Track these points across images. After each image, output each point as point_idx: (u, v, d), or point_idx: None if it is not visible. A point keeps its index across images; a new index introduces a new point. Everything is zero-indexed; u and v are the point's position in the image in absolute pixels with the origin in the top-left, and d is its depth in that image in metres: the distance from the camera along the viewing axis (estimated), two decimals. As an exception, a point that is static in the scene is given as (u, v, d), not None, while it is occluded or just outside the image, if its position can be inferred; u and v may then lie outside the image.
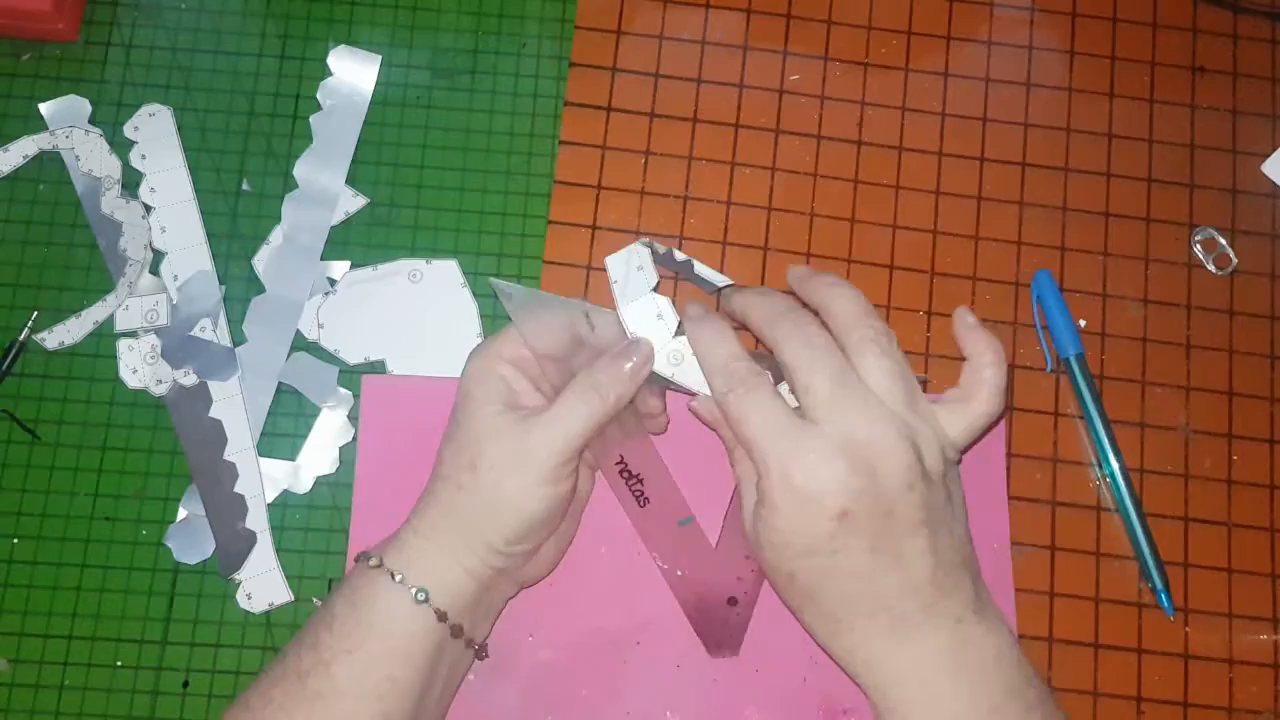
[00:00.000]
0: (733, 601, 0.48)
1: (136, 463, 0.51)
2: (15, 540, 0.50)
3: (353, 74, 0.55)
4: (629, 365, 0.44)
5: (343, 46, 0.55)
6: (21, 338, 0.51)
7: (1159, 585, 0.50)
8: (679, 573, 0.48)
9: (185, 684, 0.49)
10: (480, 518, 0.42)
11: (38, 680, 0.49)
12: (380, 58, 0.55)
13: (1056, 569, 0.51)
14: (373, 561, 0.43)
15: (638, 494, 0.47)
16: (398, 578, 0.42)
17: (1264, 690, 0.50)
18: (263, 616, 0.49)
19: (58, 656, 0.49)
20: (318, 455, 0.51)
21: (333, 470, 0.51)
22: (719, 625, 0.48)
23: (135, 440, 0.51)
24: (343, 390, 0.52)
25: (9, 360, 0.51)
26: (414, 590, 0.42)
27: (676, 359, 0.44)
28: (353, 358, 0.52)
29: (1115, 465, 0.51)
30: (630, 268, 0.45)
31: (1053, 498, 0.52)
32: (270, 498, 0.51)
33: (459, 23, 0.56)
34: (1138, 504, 0.51)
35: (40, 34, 0.54)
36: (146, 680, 0.49)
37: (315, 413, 0.51)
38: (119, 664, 0.49)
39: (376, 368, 0.52)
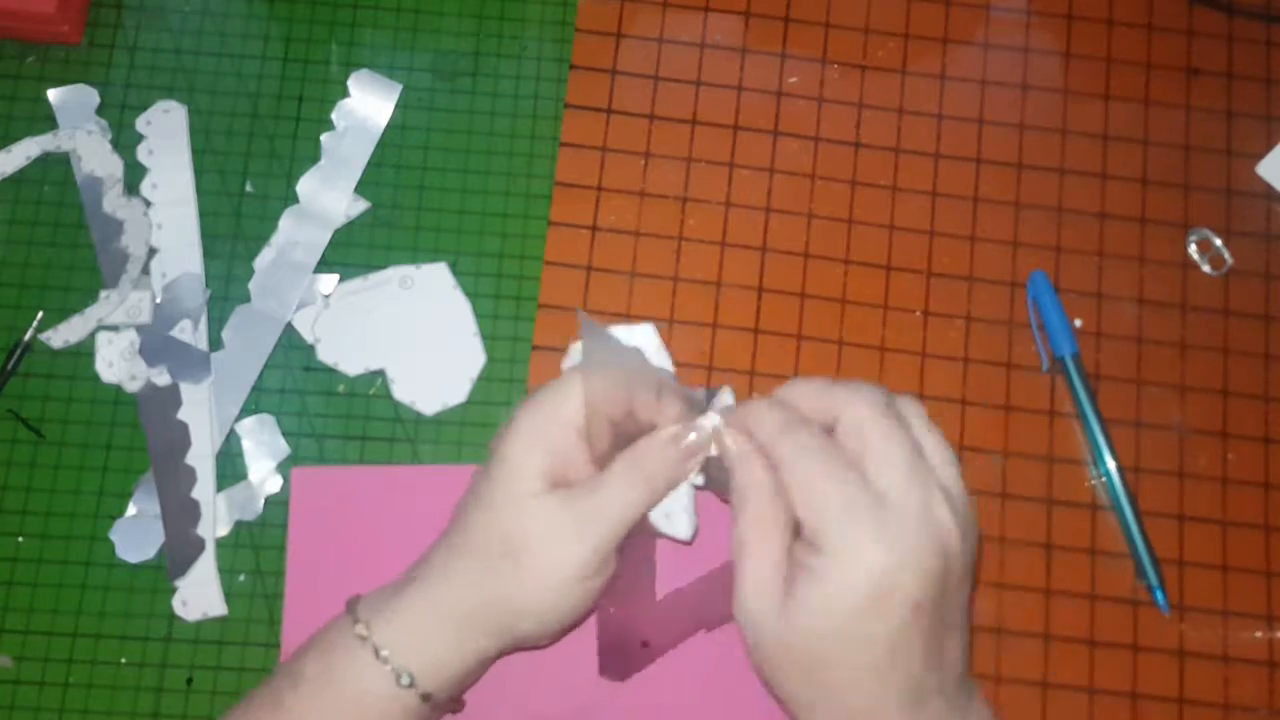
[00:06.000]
0: (645, 645, 0.47)
1: (140, 461, 0.51)
2: (20, 538, 0.50)
3: (371, 100, 0.55)
4: (685, 445, 0.40)
5: (365, 71, 0.55)
6: (27, 338, 0.52)
7: (1154, 583, 0.51)
8: (610, 610, 0.46)
9: (189, 681, 0.49)
10: (510, 610, 0.39)
11: (42, 677, 0.49)
12: (400, 86, 0.55)
13: (1053, 567, 0.51)
14: (359, 629, 0.40)
15: None
16: (384, 653, 0.39)
17: (1259, 687, 0.51)
18: (266, 614, 0.50)
19: (62, 654, 0.49)
20: (246, 496, 0.51)
21: (254, 518, 0.51)
22: (622, 657, 0.47)
23: (139, 439, 0.51)
24: (280, 442, 0.52)
25: (14, 360, 0.52)
26: (399, 674, 0.39)
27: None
28: (352, 369, 0.52)
29: (1111, 464, 0.52)
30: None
31: (1049, 496, 0.52)
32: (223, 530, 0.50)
33: (460, 25, 0.57)
34: (1133, 502, 0.51)
35: (44, 36, 0.55)
36: (151, 677, 0.49)
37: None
38: (123, 661, 0.49)
39: (377, 377, 0.52)
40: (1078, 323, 0.54)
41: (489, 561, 0.39)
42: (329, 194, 0.54)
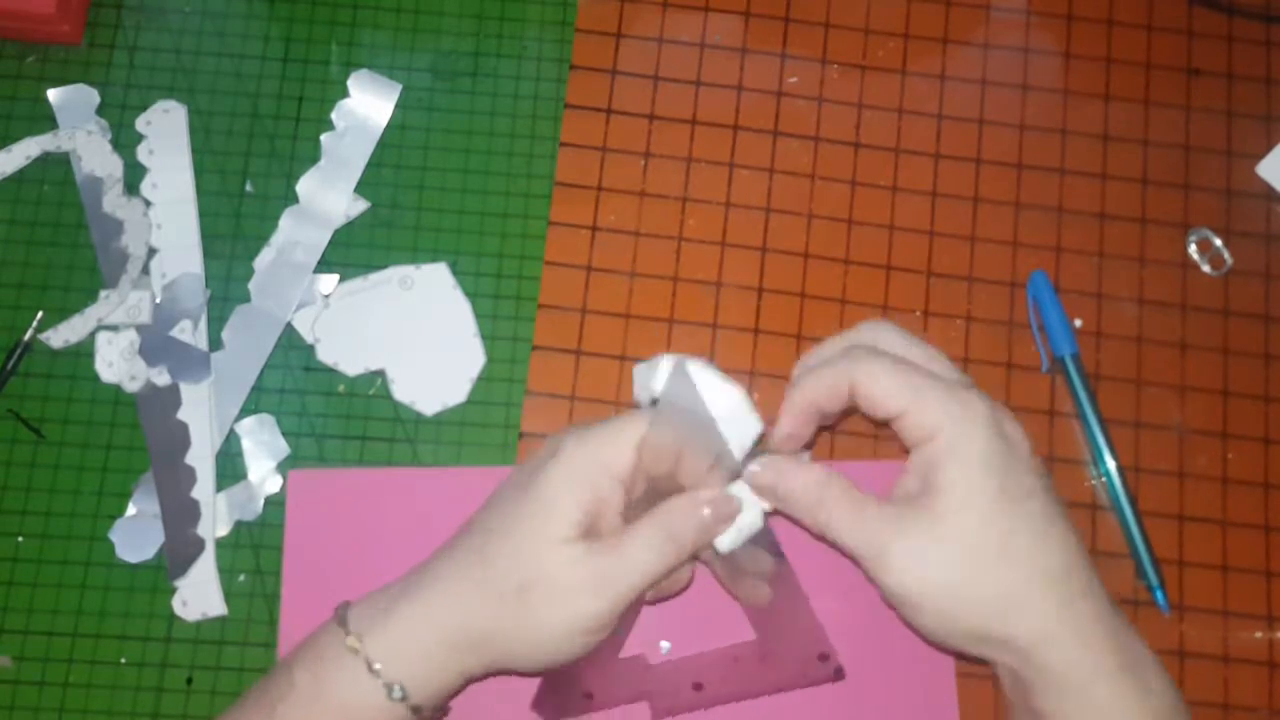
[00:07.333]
0: (589, 696, 0.46)
1: (140, 461, 0.51)
2: (20, 539, 0.50)
3: (371, 100, 0.55)
4: (708, 514, 0.40)
5: (365, 71, 0.55)
6: (26, 337, 0.52)
7: (1154, 583, 0.51)
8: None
9: (189, 681, 0.49)
10: (507, 645, 0.39)
11: (42, 677, 0.49)
12: (400, 86, 0.55)
13: (1052, 567, 0.51)
14: (350, 641, 0.39)
15: None
16: (376, 666, 0.39)
17: (1259, 687, 0.51)
18: (266, 614, 0.50)
19: (62, 654, 0.49)
20: (243, 497, 0.51)
21: (254, 518, 0.51)
22: (560, 701, 0.46)
23: (139, 439, 0.51)
24: (280, 443, 0.51)
25: (14, 360, 0.52)
26: (391, 687, 0.39)
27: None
28: (352, 369, 0.52)
29: (1111, 464, 0.52)
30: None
31: (1049, 496, 0.52)
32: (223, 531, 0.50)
33: (460, 26, 0.57)
34: (1133, 502, 0.51)
35: (44, 36, 0.55)
36: (150, 677, 0.49)
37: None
38: (123, 661, 0.49)
39: (377, 377, 0.52)
40: (1078, 323, 0.54)
41: (499, 594, 0.39)
42: (329, 194, 0.54)
